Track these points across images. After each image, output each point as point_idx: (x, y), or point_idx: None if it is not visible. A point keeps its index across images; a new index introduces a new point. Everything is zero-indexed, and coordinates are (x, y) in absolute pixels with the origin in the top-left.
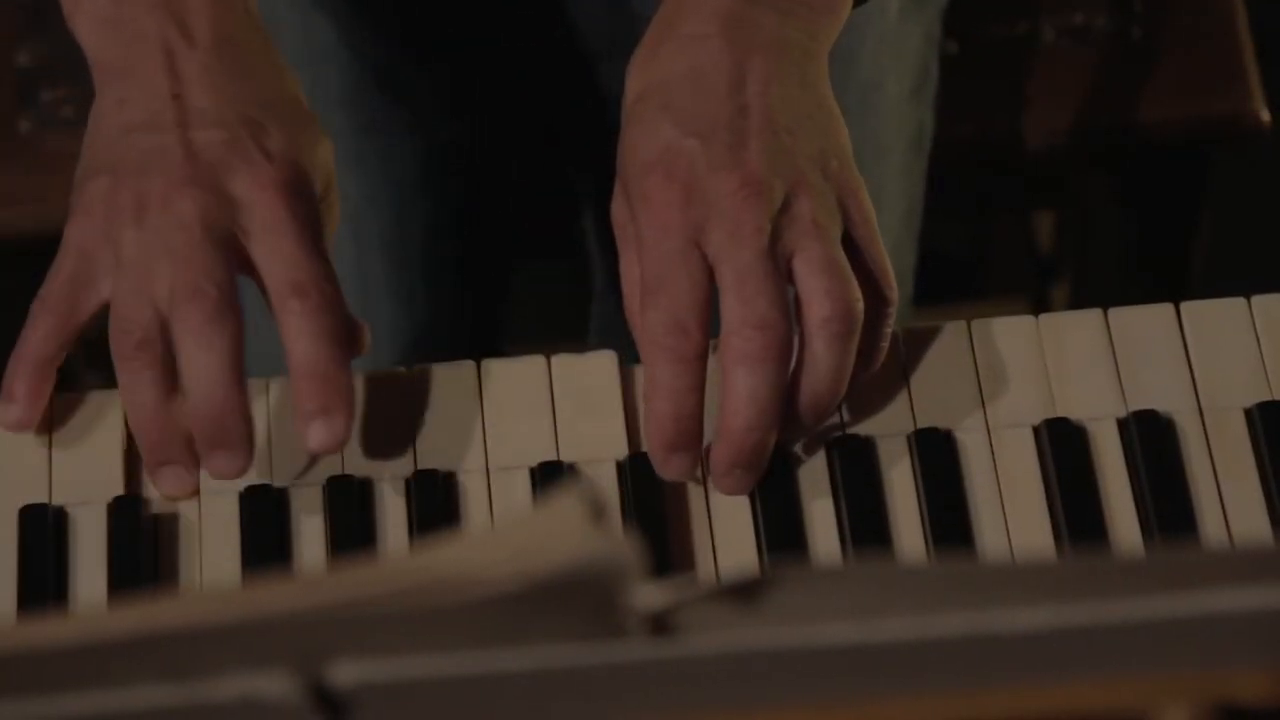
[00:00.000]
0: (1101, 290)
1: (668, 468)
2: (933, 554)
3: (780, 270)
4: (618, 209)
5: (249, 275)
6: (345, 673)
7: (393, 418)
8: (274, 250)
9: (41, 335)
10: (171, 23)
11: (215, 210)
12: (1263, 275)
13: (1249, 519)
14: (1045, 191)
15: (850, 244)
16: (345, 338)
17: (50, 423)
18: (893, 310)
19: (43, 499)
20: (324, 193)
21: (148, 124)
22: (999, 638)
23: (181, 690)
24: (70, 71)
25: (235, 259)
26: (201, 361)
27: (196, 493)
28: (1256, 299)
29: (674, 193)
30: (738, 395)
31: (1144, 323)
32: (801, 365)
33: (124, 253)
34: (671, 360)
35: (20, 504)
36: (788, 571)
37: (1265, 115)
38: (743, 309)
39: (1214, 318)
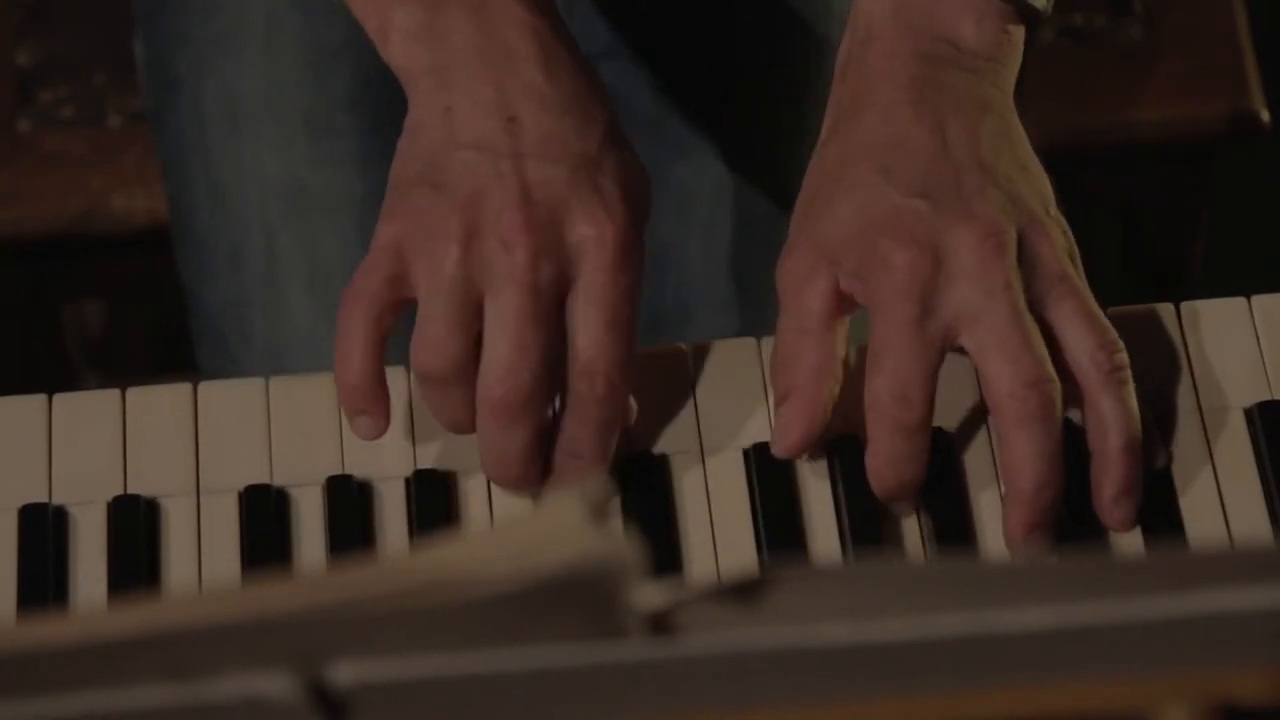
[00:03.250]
0: (1101, 290)
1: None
2: (931, 552)
3: (1033, 321)
4: (794, 267)
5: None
6: (345, 673)
7: (393, 417)
8: (587, 323)
9: (361, 344)
10: (496, 35)
11: (547, 263)
12: (1263, 275)
13: (1249, 519)
14: None
15: None
16: (616, 424)
17: (50, 423)
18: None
19: (43, 499)
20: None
21: (479, 143)
22: (999, 638)
23: (182, 690)
24: (70, 71)
25: (557, 327)
26: (499, 441)
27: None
28: (1256, 299)
29: (913, 253)
30: (1024, 455)
31: (1144, 322)
32: (1103, 422)
33: (444, 269)
34: (893, 429)
35: (20, 504)
36: (787, 571)
37: (1265, 115)
38: (1012, 370)
39: (1214, 318)
